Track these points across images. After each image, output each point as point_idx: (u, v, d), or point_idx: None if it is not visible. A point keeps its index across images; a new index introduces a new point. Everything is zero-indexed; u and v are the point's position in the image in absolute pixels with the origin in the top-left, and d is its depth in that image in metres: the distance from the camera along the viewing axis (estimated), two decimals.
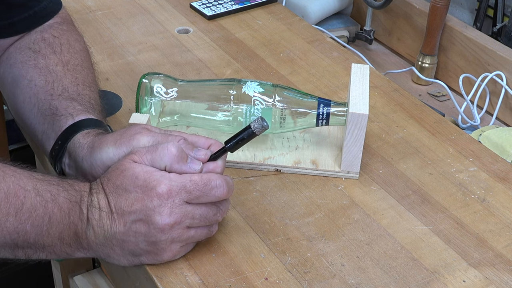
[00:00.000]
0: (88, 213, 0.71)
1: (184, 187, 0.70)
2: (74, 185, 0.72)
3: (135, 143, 0.74)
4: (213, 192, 0.72)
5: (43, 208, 0.69)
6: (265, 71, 1.10)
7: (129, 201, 0.70)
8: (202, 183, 0.71)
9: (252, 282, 0.74)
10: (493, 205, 0.86)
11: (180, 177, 0.71)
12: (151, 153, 0.71)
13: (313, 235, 0.80)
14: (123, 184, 0.70)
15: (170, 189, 0.70)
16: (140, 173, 0.70)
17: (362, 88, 0.88)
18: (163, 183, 0.70)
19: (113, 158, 0.74)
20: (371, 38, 1.38)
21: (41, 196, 0.69)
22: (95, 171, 0.75)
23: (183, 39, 1.18)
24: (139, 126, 0.76)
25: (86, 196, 0.72)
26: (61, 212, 0.70)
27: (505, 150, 1.02)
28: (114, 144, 0.74)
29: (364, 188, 0.88)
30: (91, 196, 0.71)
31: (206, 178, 0.71)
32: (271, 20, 1.25)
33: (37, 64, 0.88)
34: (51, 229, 0.70)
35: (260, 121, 0.73)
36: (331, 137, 0.94)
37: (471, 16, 1.37)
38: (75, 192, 0.71)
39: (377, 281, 0.75)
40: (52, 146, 0.81)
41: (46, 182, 0.70)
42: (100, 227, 0.71)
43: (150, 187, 0.70)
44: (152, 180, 0.70)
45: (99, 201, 0.71)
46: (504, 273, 0.77)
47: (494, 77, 1.18)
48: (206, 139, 0.76)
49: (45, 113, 0.83)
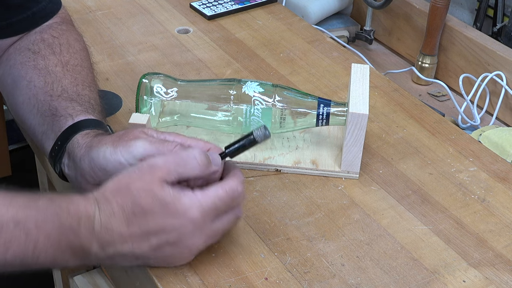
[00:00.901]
0: (97, 234, 0.68)
1: (214, 206, 0.70)
2: (70, 209, 0.68)
3: (132, 149, 0.72)
4: (238, 201, 0.73)
5: (25, 237, 0.65)
6: (265, 71, 1.10)
7: (158, 226, 0.69)
8: (229, 198, 0.71)
9: (252, 282, 0.74)
10: (493, 205, 0.86)
11: (209, 197, 0.70)
12: (179, 167, 0.69)
13: (313, 235, 0.80)
14: (151, 209, 0.68)
15: (202, 213, 0.69)
16: (169, 197, 0.68)
17: (362, 88, 0.88)
18: (194, 208, 0.69)
19: (110, 159, 0.73)
20: (371, 38, 1.38)
21: (20, 227, 0.65)
22: (93, 171, 0.74)
23: (183, 39, 1.18)
24: (138, 130, 0.75)
25: (89, 218, 0.68)
26: (50, 240, 0.67)
27: (505, 150, 1.02)
28: (112, 145, 0.73)
29: (364, 188, 0.88)
30: (101, 217, 0.68)
31: (230, 191, 0.71)
32: (271, 20, 1.25)
33: (37, 65, 0.87)
34: (40, 256, 0.67)
35: (263, 130, 0.72)
36: (331, 137, 0.94)
37: (471, 16, 1.37)
38: (69, 217, 0.67)
39: (377, 281, 0.75)
40: (52, 146, 0.81)
41: (32, 208, 0.66)
42: (114, 247, 0.69)
43: (181, 212, 0.68)
44: (183, 205, 0.69)
45: (113, 224, 0.68)
46: (504, 273, 0.77)
47: (494, 77, 1.18)
48: (204, 143, 0.75)
49: (44, 114, 0.83)
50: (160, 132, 0.76)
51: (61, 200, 0.69)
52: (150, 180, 0.69)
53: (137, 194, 0.68)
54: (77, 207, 0.68)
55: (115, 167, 0.73)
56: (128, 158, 0.72)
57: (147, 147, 0.72)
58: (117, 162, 0.72)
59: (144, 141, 0.73)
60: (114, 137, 0.75)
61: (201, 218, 0.69)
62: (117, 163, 0.72)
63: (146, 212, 0.68)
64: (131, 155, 0.72)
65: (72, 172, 0.78)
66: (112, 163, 0.73)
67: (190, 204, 0.69)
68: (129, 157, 0.72)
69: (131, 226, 0.69)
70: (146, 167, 0.69)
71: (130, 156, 0.72)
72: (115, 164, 0.73)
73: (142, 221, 0.69)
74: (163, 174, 0.69)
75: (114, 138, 0.75)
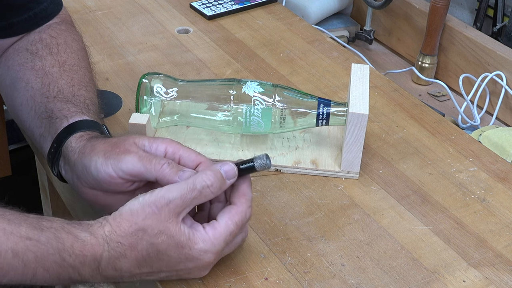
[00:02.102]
0: (102, 272, 0.68)
1: (225, 243, 0.70)
2: (75, 247, 0.66)
3: (121, 164, 0.71)
4: (245, 228, 0.74)
5: (23, 267, 0.65)
6: (265, 71, 1.10)
7: (171, 267, 0.69)
8: (238, 228, 0.71)
9: (252, 282, 0.74)
10: (493, 205, 0.86)
11: (220, 235, 0.69)
12: (196, 201, 0.69)
13: (313, 235, 0.80)
14: (166, 252, 0.68)
15: (216, 255, 0.70)
16: (184, 239, 0.68)
17: (362, 88, 0.88)
18: (209, 252, 0.69)
19: (100, 170, 0.72)
20: (371, 38, 1.38)
21: (19, 258, 0.64)
22: (85, 177, 0.74)
23: (183, 39, 1.18)
24: (129, 141, 0.74)
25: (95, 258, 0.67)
26: (49, 273, 0.66)
27: (505, 150, 1.02)
28: (104, 155, 0.73)
29: (364, 188, 0.88)
30: (110, 257, 0.67)
31: (240, 222, 0.70)
32: (271, 20, 1.25)
33: (34, 66, 0.87)
34: (38, 282, 0.66)
35: (264, 159, 0.72)
36: (331, 137, 0.94)
37: (471, 16, 1.37)
38: (72, 256, 0.66)
39: (377, 281, 0.75)
40: (49, 149, 0.81)
41: (33, 241, 0.65)
42: (121, 280, 0.69)
43: (195, 257, 0.69)
44: (198, 251, 0.68)
45: (123, 265, 0.68)
46: (504, 273, 0.77)
47: (494, 77, 1.18)
48: (196, 155, 0.74)
49: (41, 116, 0.83)
50: (152, 140, 0.75)
51: (66, 236, 0.66)
52: (166, 218, 0.68)
53: (154, 236, 0.67)
54: (82, 246, 0.66)
55: (105, 179, 0.72)
56: (118, 172, 0.72)
57: (135, 164, 0.71)
58: (108, 174, 0.72)
59: (133, 157, 0.72)
60: (107, 146, 0.74)
61: (214, 259, 0.71)
62: (108, 175, 0.72)
63: (161, 255, 0.68)
64: (121, 170, 0.72)
65: (68, 175, 0.78)
66: (102, 175, 0.72)
67: (205, 250, 0.69)
68: (119, 171, 0.72)
69: (143, 267, 0.69)
70: (163, 204, 0.68)
71: (120, 171, 0.72)
72: (106, 176, 0.72)
73: (155, 263, 0.69)
74: (180, 210, 0.68)
75: (107, 147, 0.74)
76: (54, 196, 1.30)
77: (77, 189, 0.77)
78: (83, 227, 0.68)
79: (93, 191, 0.75)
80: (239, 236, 0.73)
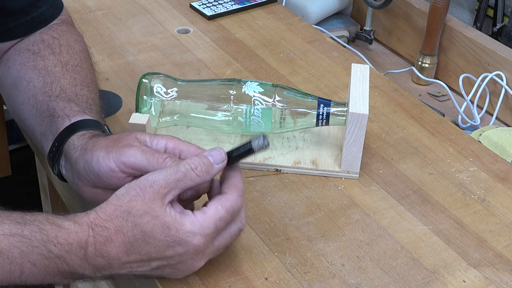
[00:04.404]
0: (90, 260, 0.67)
1: (215, 228, 0.69)
2: (59, 236, 0.66)
3: (123, 157, 0.71)
4: (239, 217, 0.72)
5: (9, 265, 0.64)
6: (265, 71, 1.10)
7: (160, 253, 0.68)
8: (229, 215, 0.70)
9: (252, 282, 0.74)
10: (493, 205, 0.86)
11: (210, 219, 0.68)
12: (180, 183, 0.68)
13: (313, 235, 0.80)
14: (153, 234, 0.67)
15: (205, 238, 0.68)
16: (171, 221, 0.67)
17: (362, 88, 0.88)
18: (198, 235, 0.68)
19: (102, 164, 0.72)
20: (371, 38, 1.38)
21: (4, 255, 0.64)
22: (87, 174, 0.74)
23: (183, 39, 1.18)
24: (131, 136, 0.74)
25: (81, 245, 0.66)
26: (36, 267, 0.66)
27: (505, 150, 1.02)
28: (105, 149, 0.72)
29: (364, 188, 0.88)
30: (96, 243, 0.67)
31: (230, 208, 0.70)
32: (271, 20, 1.25)
33: (36, 65, 0.87)
34: (28, 279, 0.66)
35: (261, 139, 0.71)
36: (331, 137, 0.94)
37: (471, 16, 1.37)
38: (57, 246, 0.66)
39: (377, 281, 0.75)
40: (50, 148, 0.80)
41: (17, 236, 0.65)
42: (110, 270, 0.68)
43: (184, 240, 0.67)
44: (186, 233, 0.67)
45: (110, 251, 0.67)
46: (504, 273, 0.77)
47: (494, 77, 1.18)
48: (196, 149, 0.74)
49: (43, 114, 0.83)
50: (153, 136, 0.75)
51: (50, 227, 0.66)
52: (151, 199, 0.67)
53: (139, 217, 0.67)
54: (67, 234, 0.66)
55: (107, 173, 0.72)
56: (119, 165, 0.71)
57: (138, 157, 0.71)
58: (109, 168, 0.72)
59: (136, 150, 0.72)
60: (108, 141, 0.74)
61: (204, 243, 0.69)
62: (109, 169, 0.72)
63: (148, 237, 0.67)
64: (123, 163, 0.71)
65: (69, 174, 0.78)
66: (104, 168, 0.72)
67: (192, 232, 0.67)
68: (121, 164, 0.71)
69: (131, 253, 0.68)
70: (147, 185, 0.68)
71: (122, 164, 0.71)
72: (107, 169, 0.72)
73: (143, 247, 0.68)
74: (165, 192, 0.68)
75: (108, 142, 0.74)
76: (54, 196, 1.30)
77: (78, 187, 0.77)
78: (68, 217, 0.68)
79: (93, 189, 0.75)
80: (234, 226, 0.72)
